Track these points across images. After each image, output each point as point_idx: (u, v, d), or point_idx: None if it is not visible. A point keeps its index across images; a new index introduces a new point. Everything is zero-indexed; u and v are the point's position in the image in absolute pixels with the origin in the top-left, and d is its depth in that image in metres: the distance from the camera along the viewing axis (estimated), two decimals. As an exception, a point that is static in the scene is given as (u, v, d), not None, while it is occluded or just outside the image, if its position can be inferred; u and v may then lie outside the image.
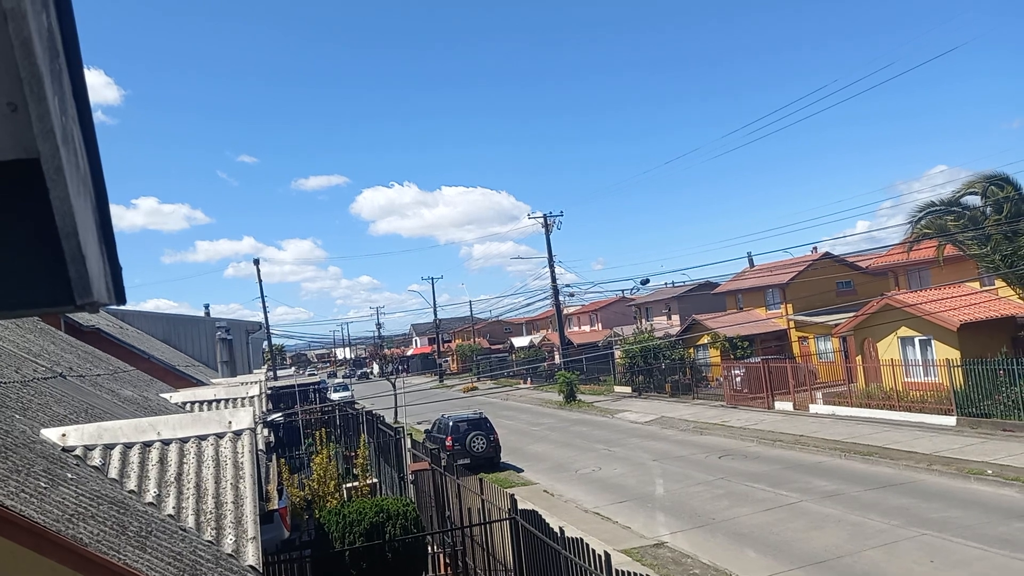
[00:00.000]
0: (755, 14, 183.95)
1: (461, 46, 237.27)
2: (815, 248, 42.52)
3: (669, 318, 53.31)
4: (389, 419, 28.05)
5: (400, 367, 74.07)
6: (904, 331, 27.37)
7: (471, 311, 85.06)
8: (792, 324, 38.86)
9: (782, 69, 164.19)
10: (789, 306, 39.35)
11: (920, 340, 26.88)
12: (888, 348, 28.05)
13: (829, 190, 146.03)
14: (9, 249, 0.96)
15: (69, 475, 4.83)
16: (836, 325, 32.33)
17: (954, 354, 23.86)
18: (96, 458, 5.40)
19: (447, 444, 23.71)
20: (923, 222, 26.53)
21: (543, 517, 10.34)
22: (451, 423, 25.35)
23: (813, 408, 28.16)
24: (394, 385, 39.25)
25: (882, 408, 25.24)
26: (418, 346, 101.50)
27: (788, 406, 29.40)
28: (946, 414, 22.84)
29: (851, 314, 30.96)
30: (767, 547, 13.63)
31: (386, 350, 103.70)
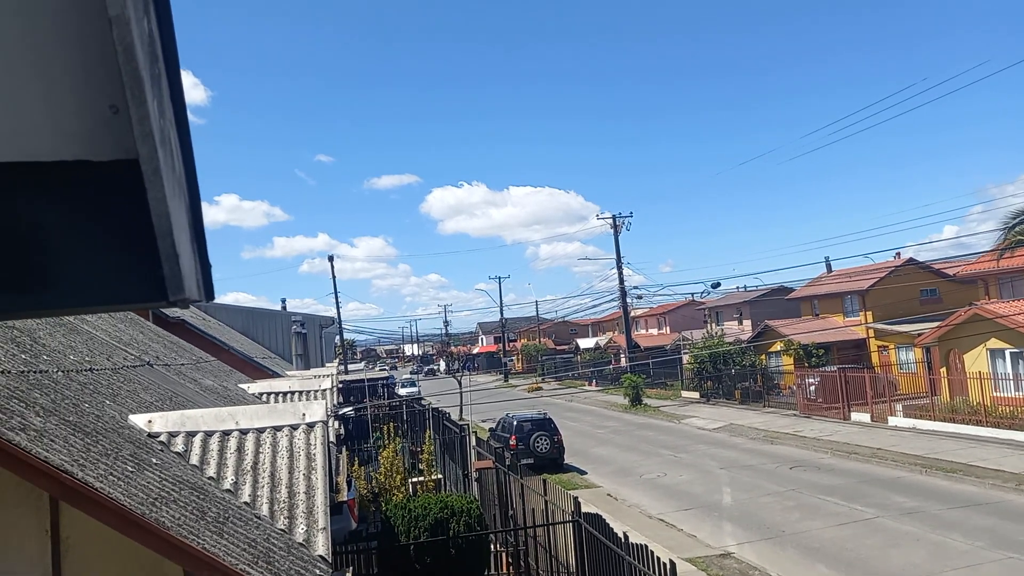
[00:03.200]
0: (839, 13, 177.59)
1: (534, 46, 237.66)
2: (898, 254, 40.77)
3: (740, 323, 52.04)
4: (454, 416, 28.34)
5: (466, 365, 74.77)
6: (994, 343, 25.93)
7: (537, 311, 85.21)
8: (872, 332, 37.33)
9: (866, 69, 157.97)
10: (869, 313, 37.81)
11: (1011, 353, 25.41)
12: (976, 360, 26.62)
13: (915, 194, 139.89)
14: (107, 246, 1.00)
15: (154, 460, 5.05)
16: (919, 335, 30.89)
17: (1049, 369, 22.46)
18: (179, 444, 5.64)
19: (511, 443, 23.78)
20: (1018, 228, 25.08)
21: (607, 521, 10.25)
22: (515, 422, 25.40)
23: (892, 421, 26.99)
24: (460, 382, 39.65)
25: (968, 423, 23.97)
26: (484, 344, 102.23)
27: (865, 418, 28.27)
28: (1039, 432, 21.52)
29: (936, 324, 29.54)
30: (840, 563, 13.13)
31: (452, 347, 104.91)
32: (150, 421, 5.76)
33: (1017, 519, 14.83)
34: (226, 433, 5.90)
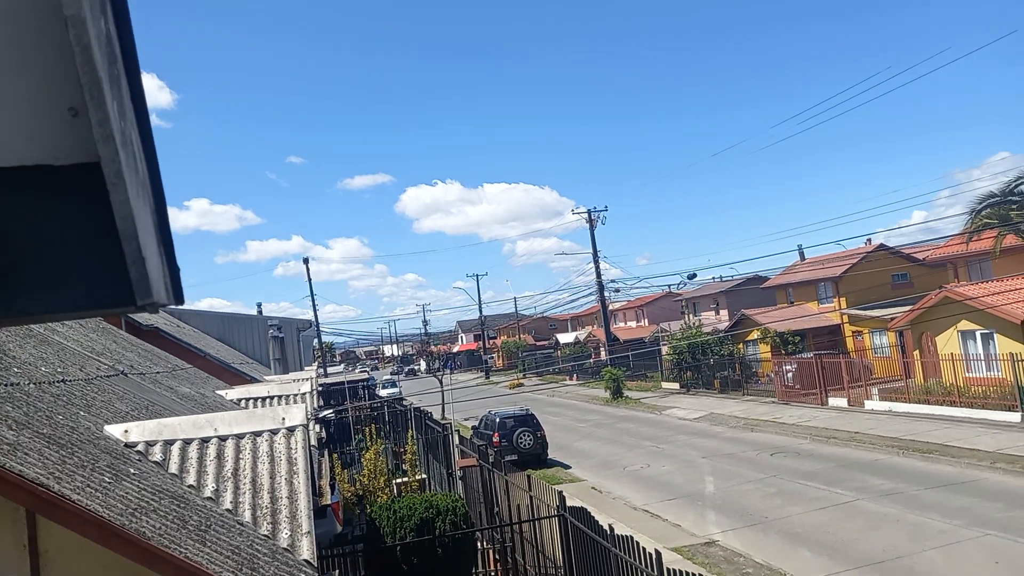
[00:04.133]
0: (798, 18, 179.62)
1: (504, 49, 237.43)
2: (869, 240, 41.36)
3: (717, 313, 52.51)
4: (437, 415, 28.29)
5: (447, 364, 74.67)
6: (965, 324, 26.43)
7: (516, 308, 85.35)
8: (846, 318, 37.87)
9: (830, 56, 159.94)
10: (842, 300, 38.34)
11: (982, 334, 25.91)
12: (947, 342, 27.11)
13: (883, 180, 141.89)
14: (72, 252, 0.99)
15: (132, 470, 4.98)
16: (892, 319, 31.39)
17: (1018, 348, 22.93)
18: (157, 453, 5.57)
19: (494, 440, 23.79)
20: (984, 212, 25.60)
21: (592, 514, 10.30)
22: (498, 419, 25.43)
23: (868, 404, 27.41)
24: (441, 381, 39.59)
25: (942, 404, 24.42)
26: (464, 343, 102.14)
27: (842, 402, 28.68)
28: (1010, 410, 21.98)
29: (908, 308, 30.02)
30: (822, 547, 13.32)
31: (432, 347, 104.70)
32: (127, 431, 5.68)
33: (992, 497, 15.14)
34: (205, 440, 5.83)
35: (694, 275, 44.53)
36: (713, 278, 51.76)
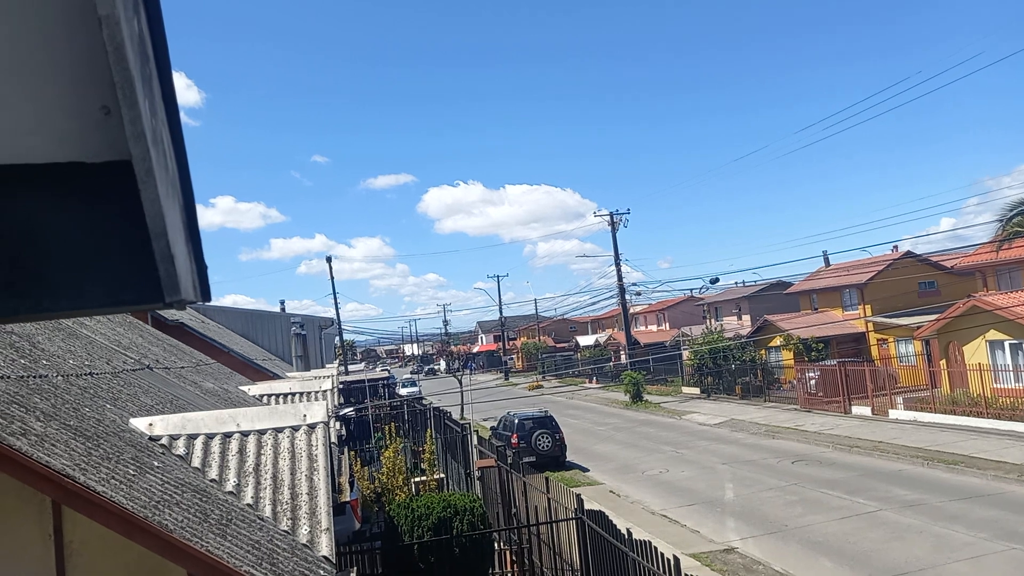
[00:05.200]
0: (833, 15, 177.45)
1: (530, 54, 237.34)
2: (896, 247, 40.76)
3: (739, 318, 52.05)
4: (455, 415, 28.34)
5: (466, 364, 74.77)
6: (993, 334, 25.94)
7: (536, 309, 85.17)
8: (871, 326, 37.35)
9: (857, 58, 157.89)
10: (867, 307, 37.83)
11: (1011, 344, 25.43)
12: (975, 352, 26.63)
13: (911, 186, 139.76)
14: (102, 248, 1.00)
15: (155, 463, 5.05)
16: (918, 327, 30.90)
17: (1049, 359, 22.47)
18: (180, 447, 5.64)
19: (513, 442, 23.79)
20: (1015, 219, 25.09)
21: (610, 518, 10.25)
22: (517, 421, 25.41)
23: (893, 414, 27.01)
24: (460, 382, 39.66)
25: (968, 415, 23.99)
26: (484, 343, 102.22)
27: (866, 411, 28.29)
28: (1040, 423, 21.54)
29: (935, 316, 29.54)
30: (843, 557, 13.14)
31: (452, 347, 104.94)
32: (151, 424, 5.76)
33: (1019, 510, 14.84)
34: (227, 435, 5.89)
35: (717, 279, 44.21)
36: (736, 283, 51.24)
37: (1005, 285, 30.95)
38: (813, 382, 31.70)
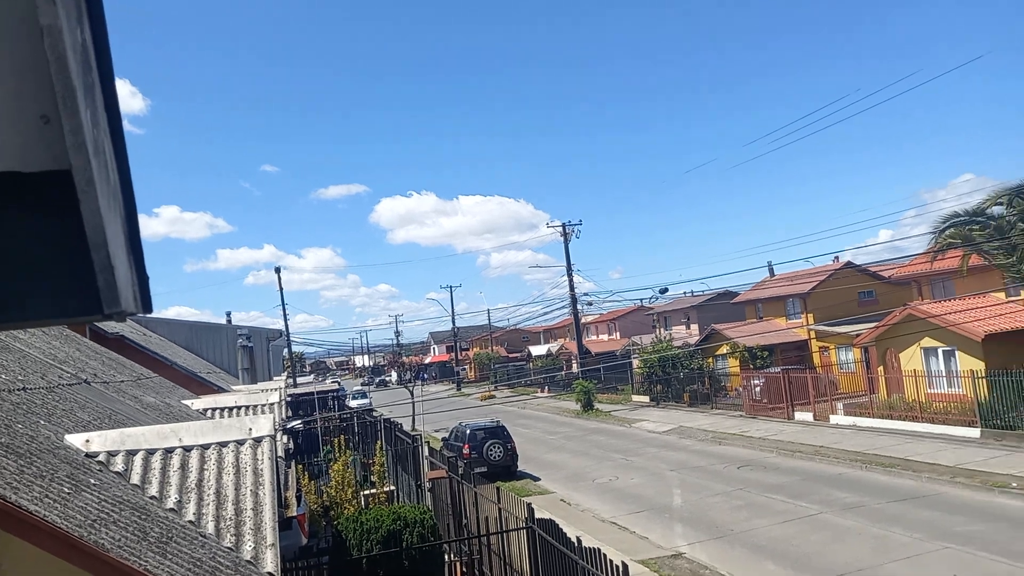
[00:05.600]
0: (769, 29, 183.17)
1: (478, 63, 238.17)
2: (837, 257, 42.17)
3: (688, 327, 53.01)
4: (407, 427, 28.10)
5: (419, 375, 74.19)
6: (927, 342, 27.00)
7: (489, 319, 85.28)
8: (813, 334, 38.49)
9: (803, 79, 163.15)
10: (810, 316, 38.97)
11: (944, 351, 26.50)
12: (911, 359, 27.67)
13: (853, 197, 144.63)
14: (39, 259, 0.98)
15: (92, 480, 4.88)
16: (858, 335, 31.96)
17: (979, 365, 23.50)
18: (119, 464, 5.46)
19: (464, 452, 23.69)
20: (948, 232, 26.24)
21: (560, 526, 10.30)
22: (468, 431, 25.34)
23: (834, 419, 27.83)
24: (412, 393, 39.35)
25: (904, 420, 24.89)
26: (436, 354, 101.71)
27: (808, 417, 29.08)
28: (970, 426, 22.47)
29: (873, 324, 30.61)
30: (787, 559, 13.46)
31: (404, 358, 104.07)
32: (88, 440, 5.56)
33: (953, 511, 15.44)
34: (169, 451, 5.73)
35: (666, 289, 45.00)
36: (684, 293, 52.38)
37: (939, 294, 32.27)
38: (758, 389, 32.45)
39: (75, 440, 5.53)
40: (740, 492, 18.84)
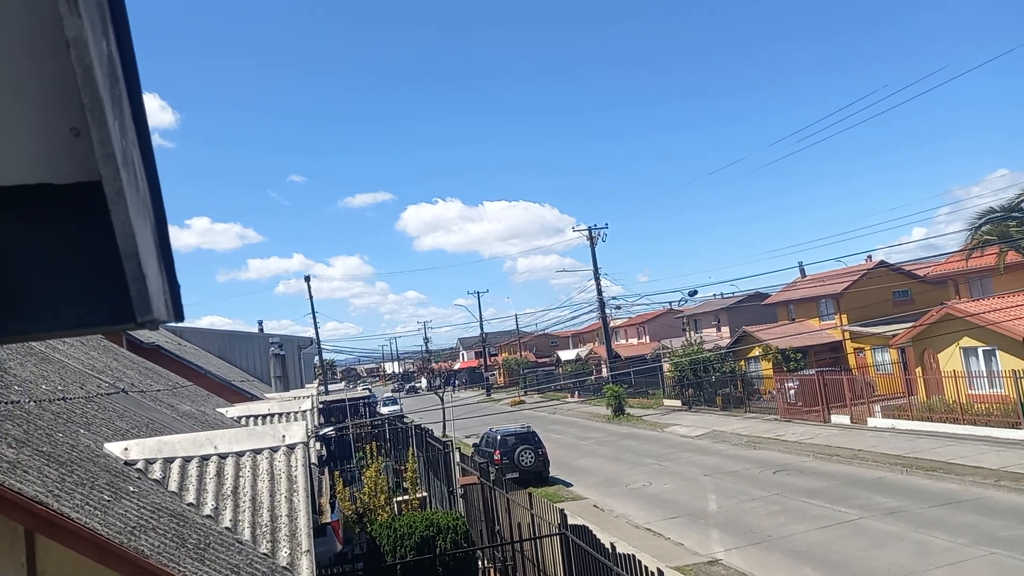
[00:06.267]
0: (800, 28, 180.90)
1: (504, 69, 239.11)
2: (870, 257, 41.40)
3: (718, 330, 52.43)
4: (437, 433, 28.17)
5: (448, 381, 74.44)
6: (966, 341, 26.37)
7: (517, 325, 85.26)
8: (847, 335, 37.80)
9: (830, 70, 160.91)
10: (843, 316, 38.31)
11: (984, 350, 25.85)
12: (950, 359, 27.04)
13: (884, 196, 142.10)
14: (73, 270, 0.99)
15: (131, 488, 4.96)
16: (894, 336, 31.34)
17: (1020, 364, 22.87)
18: (156, 471, 5.55)
19: (495, 458, 23.68)
20: (984, 228, 25.64)
21: (594, 532, 10.23)
22: (499, 437, 25.32)
23: (871, 422, 27.29)
24: (442, 399, 39.48)
25: (945, 422, 24.31)
26: (465, 360, 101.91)
27: (845, 420, 28.56)
28: (1014, 427, 21.87)
29: (909, 324, 29.99)
30: (827, 565, 13.21)
31: (433, 364, 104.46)
32: (126, 449, 5.66)
33: (997, 515, 15.03)
34: (205, 458, 5.81)
35: (695, 292, 44.56)
36: (714, 295, 51.70)
37: (976, 292, 31.51)
38: (792, 392, 31.96)
39: (114, 448, 5.63)
40: (777, 497, 18.55)
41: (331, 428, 28.18)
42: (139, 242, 0.93)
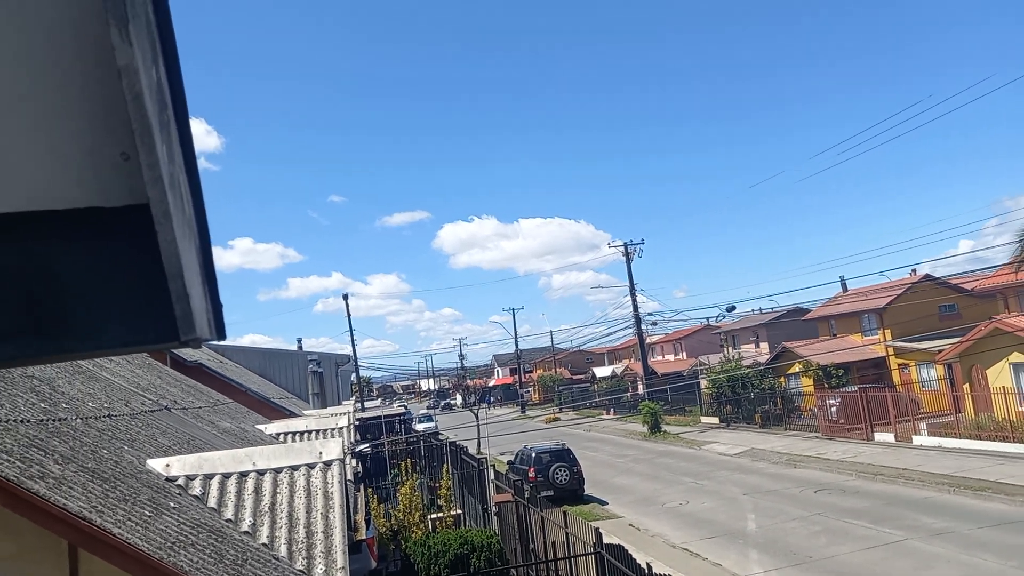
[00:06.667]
0: (841, 43, 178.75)
1: (540, 85, 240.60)
2: (914, 270, 40.46)
3: (757, 346, 51.62)
4: (472, 450, 28.14)
5: (483, 398, 74.45)
6: (1017, 357, 25.55)
7: (552, 341, 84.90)
8: (891, 351, 36.90)
9: (870, 84, 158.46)
10: (887, 331, 37.42)
11: (1035, 366, 25.02)
12: (999, 375, 26.21)
13: (929, 209, 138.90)
14: (120, 290, 1.02)
15: (172, 504, 5.04)
16: (940, 351, 30.50)
17: (1075, 381, 22.07)
18: (196, 487, 5.63)
19: (530, 475, 23.55)
20: (1034, 240, 24.88)
21: (630, 552, 10.09)
22: (534, 454, 25.19)
23: (917, 440, 26.53)
24: (476, 416, 39.47)
25: (994, 440, 23.53)
26: (500, 376, 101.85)
27: (889, 438, 27.81)
28: (1069, 446, 21.08)
29: (956, 340, 29.17)
30: (871, 589, 12.82)
31: (468, 381, 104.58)
32: (168, 465, 5.77)
33: (1052, 537, 14.46)
34: (243, 474, 5.89)
35: (733, 307, 43.97)
36: (752, 310, 50.87)
37: (1026, 307, 30.56)
38: (834, 409, 31.26)
39: (156, 465, 5.74)
40: (818, 517, 18.10)
41: (367, 445, 28.35)
42: (184, 263, 0.95)
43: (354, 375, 55.67)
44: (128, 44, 0.82)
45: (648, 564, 9.30)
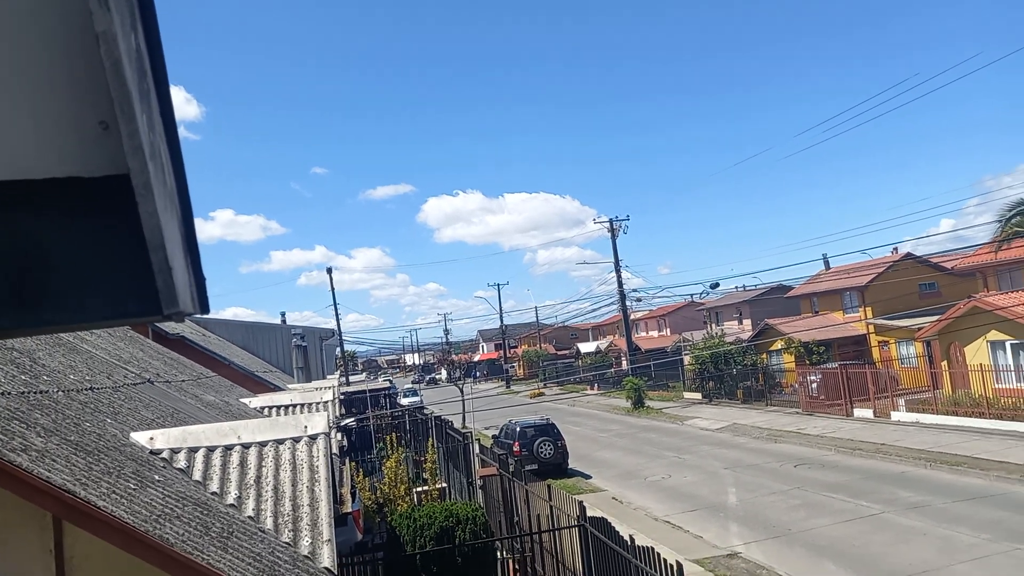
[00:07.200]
0: (827, 18, 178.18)
1: (524, 56, 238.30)
2: (896, 249, 40.81)
3: (740, 323, 52.05)
4: (457, 424, 28.28)
5: (468, 373, 74.65)
6: (994, 335, 25.94)
7: (537, 317, 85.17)
8: (872, 328, 37.35)
9: (855, 61, 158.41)
10: (868, 309, 37.83)
11: (1012, 344, 25.42)
12: (977, 353, 26.62)
13: (911, 187, 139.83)
14: (101, 262, 1.00)
15: (156, 477, 5.04)
16: (919, 329, 30.90)
17: (1050, 359, 22.46)
18: (181, 461, 5.63)
19: (515, 450, 23.73)
20: (1015, 220, 25.15)
21: (612, 525, 10.23)
22: (518, 429, 25.37)
23: (895, 416, 26.97)
24: (462, 390, 39.62)
25: (971, 416, 23.96)
26: (485, 352, 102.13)
27: (868, 413, 28.25)
28: (1042, 423, 21.51)
29: (935, 317, 29.55)
30: (848, 560, 13.10)
31: (453, 356, 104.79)
32: (152, 438, 5.75)
33: (1023, 510, 14.81)
34: (228, 448, 5.89)
35: (717, 284, 44.30)
36: (736, 287, 51.31)
37: (1006, 285, 30.96)
38: (815, 385, 31.67)
39: (140, 438, 5.72)
40: (797, 491, 18.42)
41: (352, 419, 28.41)
42: (166, 234, 0.94)
43: (338, 349, 55.61)
44: (106, 9, 0.80)
45: (631, 536, 9.44)
